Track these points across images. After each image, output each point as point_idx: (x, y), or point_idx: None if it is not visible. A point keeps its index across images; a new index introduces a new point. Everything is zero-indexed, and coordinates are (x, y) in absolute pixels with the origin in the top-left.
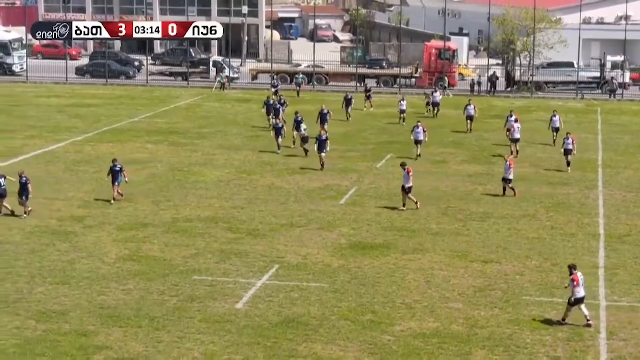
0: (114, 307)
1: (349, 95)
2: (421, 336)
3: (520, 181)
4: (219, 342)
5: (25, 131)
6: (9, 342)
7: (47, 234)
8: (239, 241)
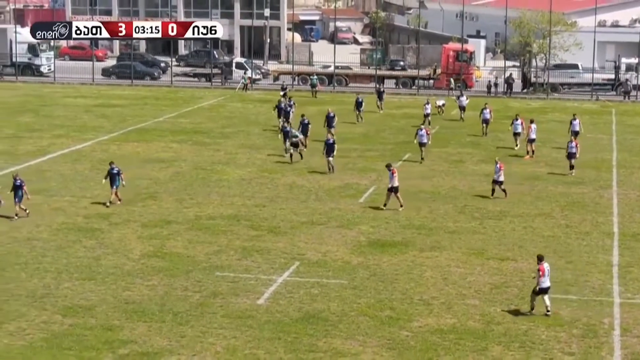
0: (139, 302)
1: (360, 98)
2: (438, 332)
3: (536, 181)
4: (240, 337)
5: (53, 131)
6: (36, 336)
7: (73, 231)
8: (260, 238)
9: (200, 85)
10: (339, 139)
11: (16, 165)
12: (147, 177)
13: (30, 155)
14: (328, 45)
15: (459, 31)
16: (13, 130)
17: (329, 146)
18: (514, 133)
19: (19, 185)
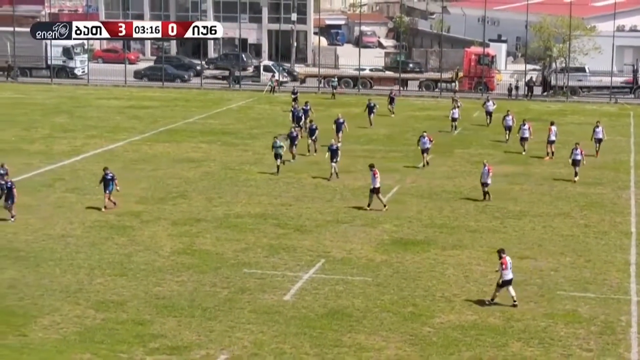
0: (169, 297)
1: (372, 103)
2: (460, 328)
3: (556, 181)
4: (267, 332)
5: (87, 131)
6: (70, 330)
7: (106, 228)
8: (287, 236)
9: (229, 88)
10: (363, 140)
11: (51, 165)
12: (177, 177)
13: (65, 154)
14: (353, 48)
15: (480, 35)
16: (48, 130)
17: (332, 151)
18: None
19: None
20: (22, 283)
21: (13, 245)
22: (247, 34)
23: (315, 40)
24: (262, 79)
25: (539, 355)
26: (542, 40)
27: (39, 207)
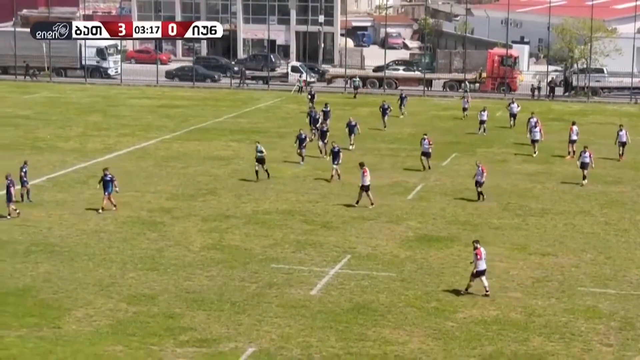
0: (199, 292)
1: (386, 104)
2: (482, 323)
3: (577, 180)
4: (294, 326)
5: (119, 129)
6: (103, 323)
7: (138, 224)
8: (313, 233)
9: (258, 87)
10: (388, 139)
11: (85, 162)
12: (207, 174)
13: (98, 152)
14: (379, 50)
15: (503, 37)
16: (82, 129)
17: (334, 154)
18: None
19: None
20: (57, 277)
21: (48, 240)
22: (276, 35)
23: (342, 42)
24: (290, 79)
25: (560, 350)
26: (564, 42)
27: (74, 203)
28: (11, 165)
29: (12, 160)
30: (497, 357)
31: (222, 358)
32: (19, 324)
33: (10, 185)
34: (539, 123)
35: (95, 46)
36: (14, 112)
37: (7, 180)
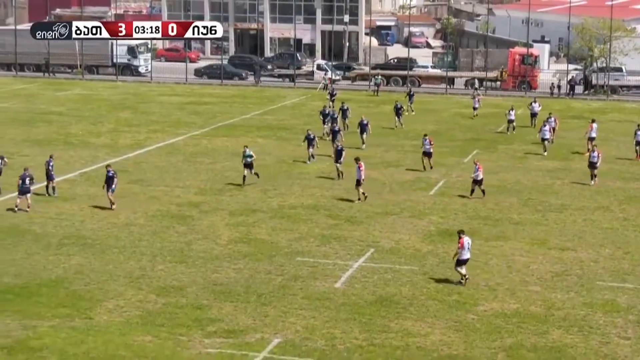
0: (226, 284)
1: (399, 104)
2: (502, 316)
3: (596, 176)
4: (319, 318)
5: (149, 126)
6: (133, 314)
7: (167, 218)
8: (338, 227)
9: (284, 85)
10: (412, 135)
11: (116, 157)
12: (234, 170)
13: (129, 148)
14: (402, 48)
15: (524, 36)
16: (113, 125)
17: (337, 152)
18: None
19: (111, 176)
20: (89, 269)
21: (80, 233)
22: (302, 34)
23: (366, 41)
24: (316, 77)
25: (579, 342)
26: (584, 41)
27: (105, 197)
28: (44, 160)
29: (46, 156)
30: (517, 349)
31: (248, 348)
32: (52, 315)
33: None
34: (556, 122)
35: (127, 44)
36: (48, 108)
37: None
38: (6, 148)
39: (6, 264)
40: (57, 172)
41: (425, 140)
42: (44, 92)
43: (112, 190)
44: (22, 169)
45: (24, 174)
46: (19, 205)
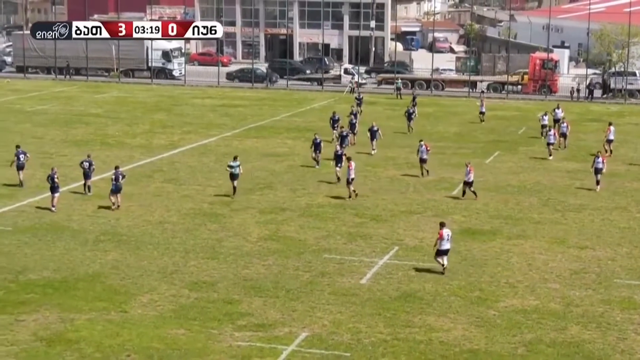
0: (256, 279)
1: (411, 109)
2: (522, 312)
3: (614, 177)
4: (345, 312)
5: (183, 127)
6: (166, 308)
7: (199, 216)
8: (364, 225)
9: (312, 89)
10: (435, 138)
11: (151, 157)
12: (264, 169)
13: (163, 148)
14: (427, 53)
15: (545, 42)
16: (148, 126)
17: (337, 157)
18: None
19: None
20: (124, 264)
21: (116, 230)
22: (330, 39)
23: (392, 46)
24: (343, 80)
25: (596, 338)
26: (603, 47)
27: (140, 195)
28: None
29: (84, 156)
30: (536, 344)
31: (277, 342)
32: (89, 308)
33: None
34: (568, 127)
35: (161, 49)
36: (86, 110)
37: (52, 172)
38: (46, 148)
39: (46, 259)
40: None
41: (421, 147)
42: (82, 95)
43: (113, 192)
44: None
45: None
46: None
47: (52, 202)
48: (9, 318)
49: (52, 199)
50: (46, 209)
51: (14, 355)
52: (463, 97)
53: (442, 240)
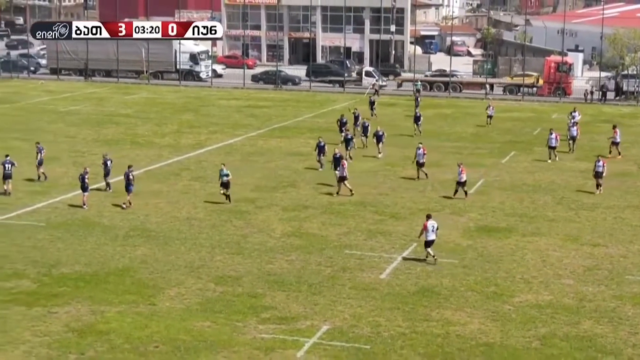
0: (279, 274)
1: (418, 113)
2: (537, 307)
3: (626, 177)
4: (365, 306)
5: (209, 127)
6: (193, 301)
7: (225, 212)
8: (383, 222)
9: (334, 90)
10: (453, 138)
11: (178, 156)
12: (287, 168)
13: (190, 147)
14: (445, 56)
15: (559, 45)
16: (176, 126)
17: (335, 160)
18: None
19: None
20: (153, 259)
21: (145, 226)
22: (351, 43)
23: (411, 49)
24: (364, 82)
25: (608, 332)
26: (616, 50)
27: (168, 193)
28: (113, 159)
29: (115, 155)
30: (550, 338)
31: (299, 334)
32: (119, 301)
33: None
34: (577, 132)
35: (189, 52)
36: (116, 111)
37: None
38: (78, 147)
39: (78, 253)
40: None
41: (419, 150)
42: (113, 96)
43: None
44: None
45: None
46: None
47: (83, 200)
48: (42, 310)
49: (82, 197)
50: (78, 206)
51: (47, 346)
52: (480, 98)
53: (427, 232)
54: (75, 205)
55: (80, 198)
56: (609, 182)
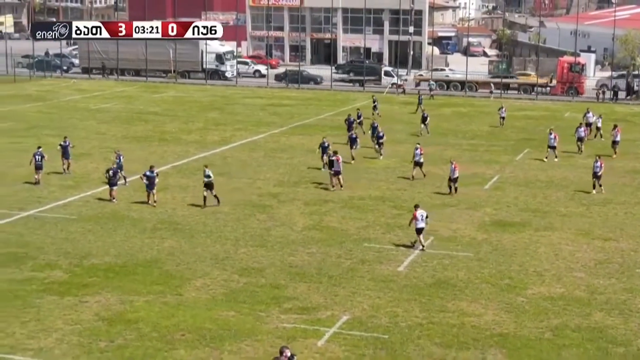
0: (301, 266)
1: (425, 113)
2: (549, 299)
3: (636, 174)
4: (383, 298)
5: (234, 124)
6: (218, 291)
7: (249, 207)
8: (401, 216)
9: (354, 89)
10: (468, 136)
11: (204, 152)
12: (309, 164)
13: (216, 144)
14: (461, 57)
15: (572, 46)
16: (203, 123)
17: (331, 162)
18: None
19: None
20: (179, 251)
21: (172, 219)
22: (371, 43)
23: (429, 50)
24: (383, 82)
25: (619, 324)
26: (627, 51)
27: (194, 187)
28: (142, 155)
29: (144, 151)
30: (562, 329)
31: (319, 324)
32: (147, 291)
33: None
34: (586, 132)
35: (215, 52)
36: (145, 109)
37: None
38: (108, 143)
39: (108, 245)
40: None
41: (417, 150)
42: (141, 95)
43: (153, 191)
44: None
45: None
46: (113, 194)
47: (110, 194)
48: (73, 299)
49: (110, 191)
50: (107, 200)
51: (78, 334)
52: (495, 97)
53: (417, 221)
54: (105, 199)
55: (108, 192)
56: (620, 180)
